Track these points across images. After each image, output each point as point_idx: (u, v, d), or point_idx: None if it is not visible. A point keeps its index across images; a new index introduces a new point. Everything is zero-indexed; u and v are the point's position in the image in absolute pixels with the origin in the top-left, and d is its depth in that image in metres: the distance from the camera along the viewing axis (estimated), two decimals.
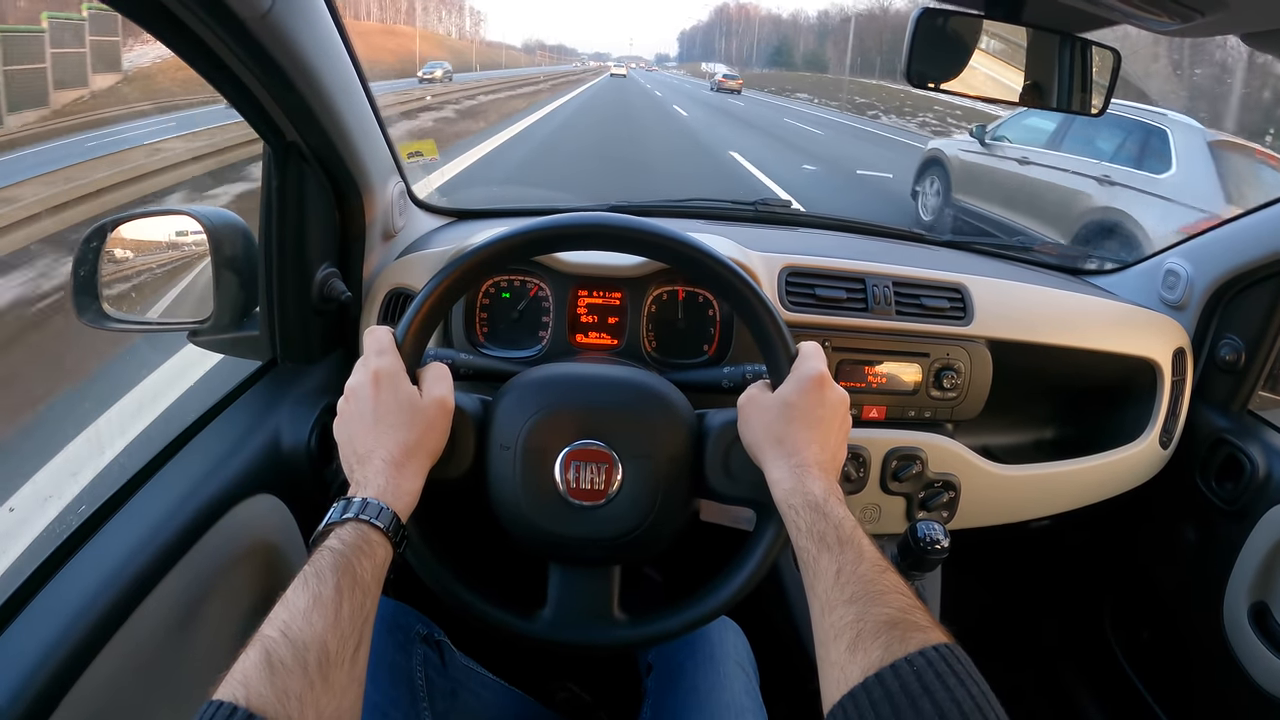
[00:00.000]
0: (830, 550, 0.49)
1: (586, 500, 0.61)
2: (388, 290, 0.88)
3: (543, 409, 0.61)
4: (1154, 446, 1.02)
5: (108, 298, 0.77)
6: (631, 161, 8.96)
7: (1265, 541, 0.96)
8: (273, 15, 0.57)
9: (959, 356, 0.93)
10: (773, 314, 0.61)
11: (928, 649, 0.41)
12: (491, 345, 0.90)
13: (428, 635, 0.73)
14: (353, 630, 0.44)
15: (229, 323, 0.80)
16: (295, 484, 0.74)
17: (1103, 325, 1.02)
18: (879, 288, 0.93)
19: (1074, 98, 0.85)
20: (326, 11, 0.67)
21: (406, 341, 0.59)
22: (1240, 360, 1.03)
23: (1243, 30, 0.68)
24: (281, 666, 0.40)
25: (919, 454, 0.92)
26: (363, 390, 0.57)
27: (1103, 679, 1.25)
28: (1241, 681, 0.96)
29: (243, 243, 0.79)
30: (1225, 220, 1.05)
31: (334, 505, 0.52)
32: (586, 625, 0.63)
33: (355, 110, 0.75)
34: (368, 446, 0.55)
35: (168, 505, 0.63)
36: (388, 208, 0.89)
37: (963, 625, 0.45)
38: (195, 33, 0.56)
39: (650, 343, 0.91)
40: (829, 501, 0.52)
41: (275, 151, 0.73)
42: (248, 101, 0.66)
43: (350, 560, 0.47)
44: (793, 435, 0.57)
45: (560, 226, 0.62)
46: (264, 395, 0.79)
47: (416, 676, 0.68)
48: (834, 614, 0.46)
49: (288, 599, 0.44)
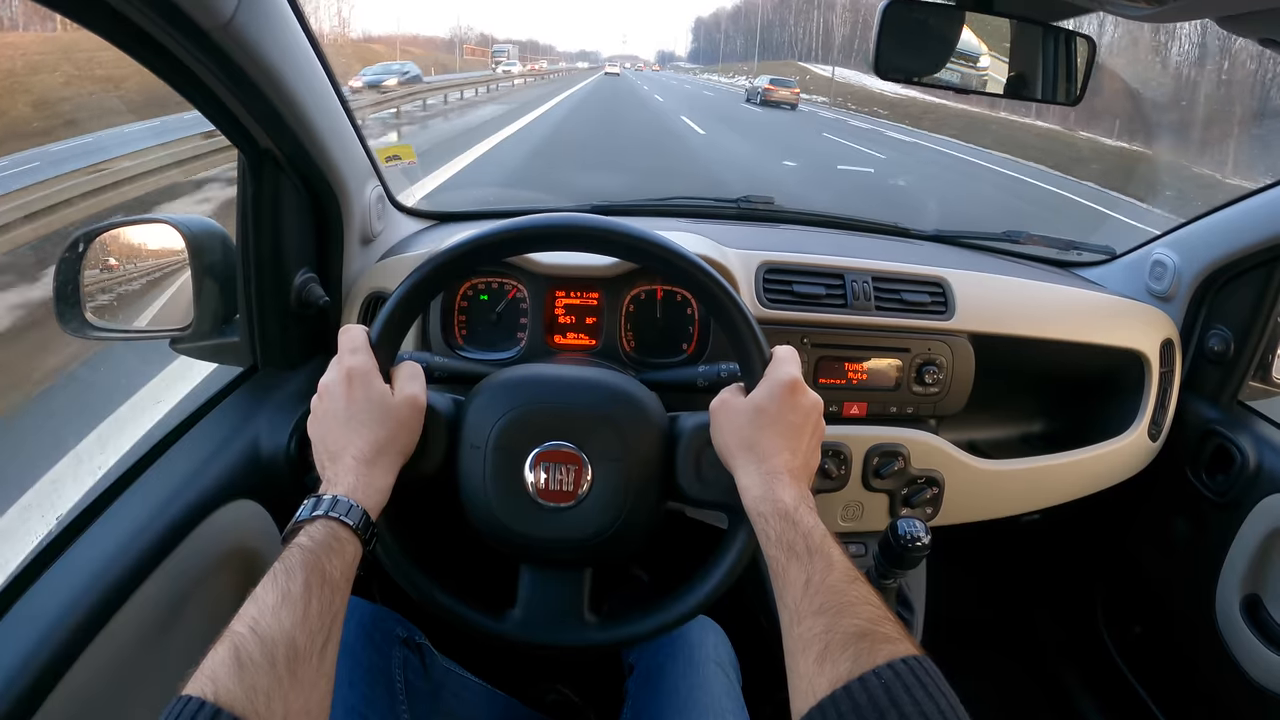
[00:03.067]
0: (799, 559, 0.49)
1: (556, 501, 0.61)
2: (367, 294, 0.89)
3: (513, 409, 0.62)
4: (1143, 439, 1.01)
5: (90, 307, 0.78)
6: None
7: (1257, 533, 0.95)
8: (235, 23, 0.57)
9: (940, 351, 0.93)
10: (746, 316, 0.61)
11: (896, 661, 0.41)
12: (470, 347, 0.91)
13: (408, 638, 0.73)
14: (321, 626, 0.45)
15: (209, 329, 0.81)
16: (275, 489, 0.75)
17: (1089, 317, 1.01)
18: (858, 283, 0.92)
19: (1058, 88, 0.84)
20: (292, 17, 0.67)
21: (380, 340, 0.60)
22: (1229, 350, 1.02)
23: (1217, 14, 0.68)
24: (250, 662, 0.40)
25: (901, 450, 0.92)
26: (335, 388, 0.57)
27: (1095, 672, 1.24)
28: (1234, 673, 0.95)
29: (222, 250, 0.80)
30: (1212, 210, 1.03)
31: (305, 502, 0.52)
32: (556, 626, 0.63)
33: (327, 115, 0.76)
34: (339, 444, 0.55)
35: (148, 510, 0.63)
36: (365, 212, 0.89)
37: (954, 621, 0.45)
38: (160, 43, 0.57)
39: (628, 342, 0.91)
40: (799, 510, 0.52)
41: (249, 158, 0.73)
42: (218, 110, 0.66)
43: (319, 557, 0.47)
44: (764, 441, 0.56)
45: (530, 228, 0.62)
46: (244, 401, 0.80)
47: (396, 679, 0.68)
48: (803, 625, 0.46)
49: (257, 595, 0.45)
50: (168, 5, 0.52)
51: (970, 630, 1.33)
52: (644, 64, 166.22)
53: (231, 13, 0.56)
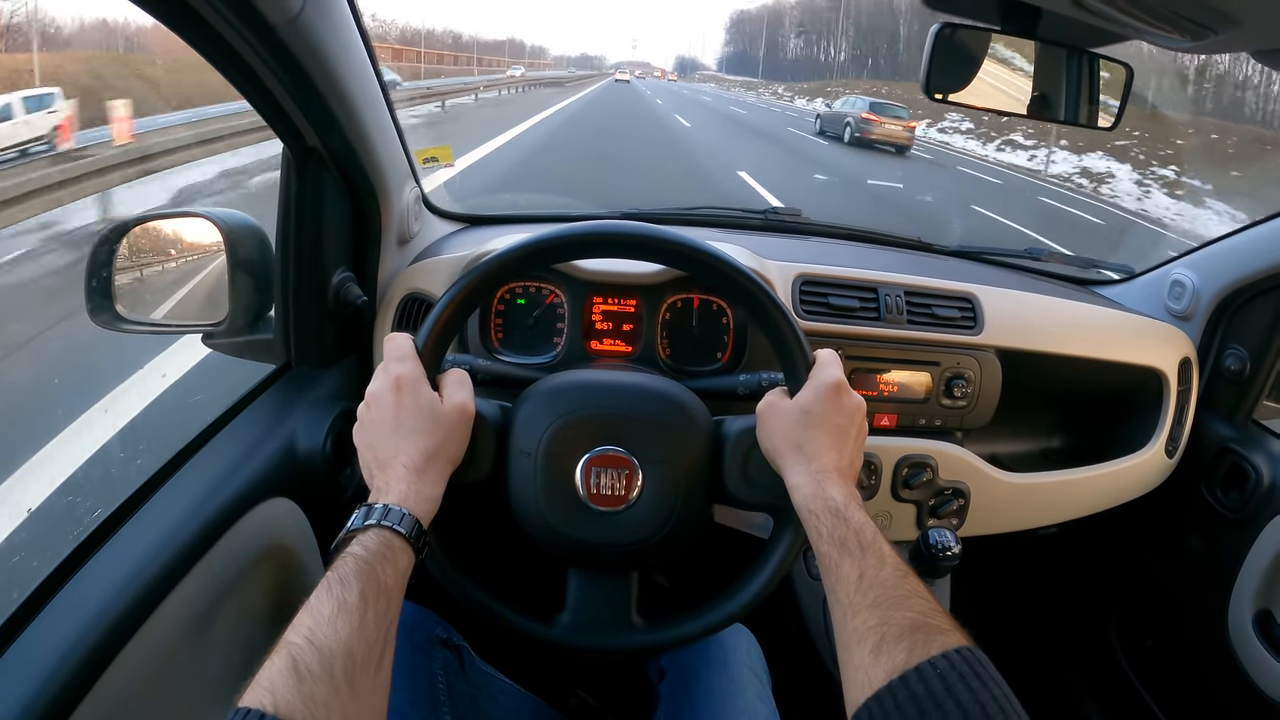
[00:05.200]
0: (852, 555, 0.50)
1: (607, 506, 0.61)
2: (403, 295, 0.88)
3: (563, 415, 0.62)
4: (1160, 455, 1.03)
5: (122, 299, 0.77)
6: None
7: (1270, 550, 0.97)
8: (301, 19, 0.57)
9: (969, 365, 0.94)
10: (791, 322, 0.62)
11: (950, 652, 0.42)
12: (506, 351, 0.91)
13: (447, 639, 0.73)
14: (378, 637, 0.45)
15: (244, 325, 0.80)
16: (311, 488, 0.74)
17: (1111, 335, 1.03)
18: (891, 297, 0.93)
19: (1081, 110, 0.86)
20: (350, 16, 0.67)
21: (427, 348, 0.59)
22: (1245, 370, 1.04)
23: (1254, 48, 0.70)
24: (308, 673, 0.40)
25: (930, 462, 0.93)
26: (384, 396, 0.57)
27: (1108, 686, 1.26)
28: (1246, 689, 0.96)
29: (258, 246, 0.79)
30: (1232, 231, 1.06)
31: (356, 511, 0.52)
32: (605, 630, 0.63)
33: (376, 115, 0.76)
34: (388, 453, 0.55)
35: (184, 508, 0.63)
36: (404, 213, 0.89)
37: (969, 632, 0.46)
38: (223, 36, 0.56)
39: (665, 350, 0.91)
40: (849, 507, 0.53)
41: (295, 155, 0.73)
42: (270, 105, 0.66)
43: (374, 567, 0.47)
44: (812, 442, 0.57)
45: (581, 234, 0.62)
46: (279, 399, 0.79)
47: (437, 680, 0.68)
48: (857, 618, 0.46)
49: (312, 606, 0.44)
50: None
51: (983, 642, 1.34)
52: (663, 71, 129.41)
53: (299, 9, 0.56)
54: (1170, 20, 0.62)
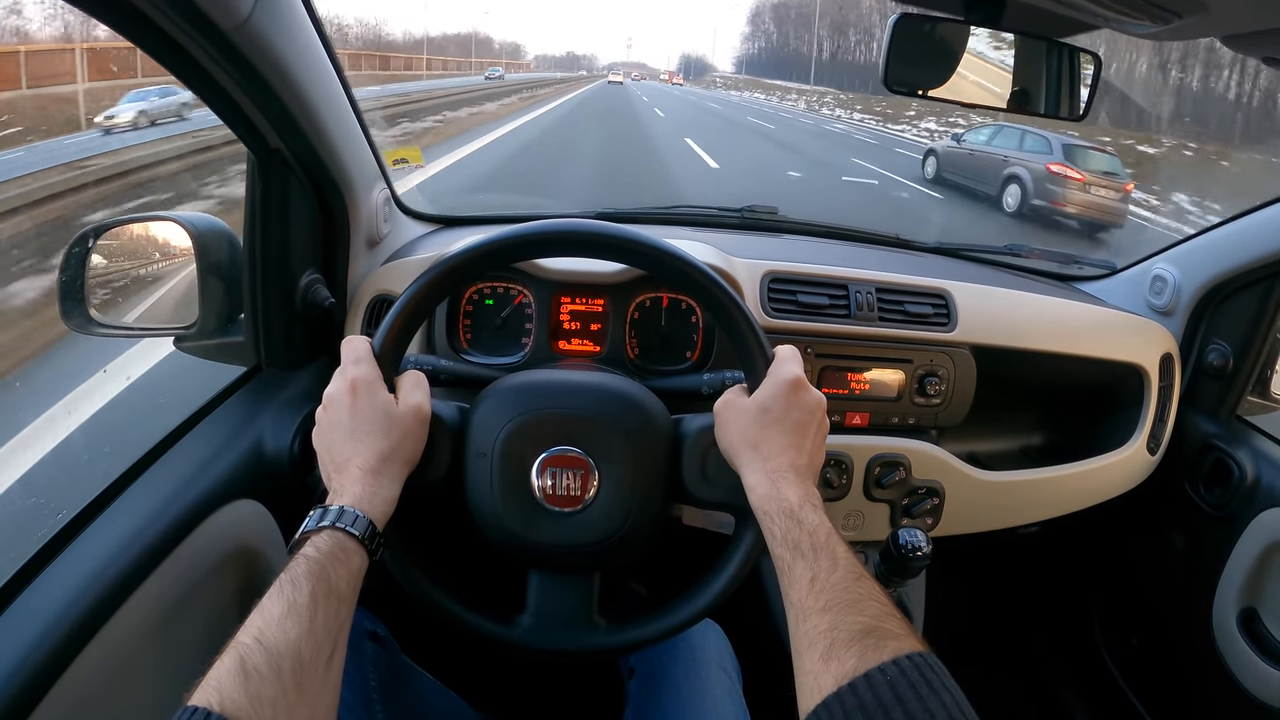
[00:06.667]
0: (804, 557, 0.49)
1: (563, 506, 0.61)
2: (372, 296, 0.89)
3: (518, 415, 0.62)
4: (1142, 452, 1.02)
5: (94, 304, 0.78)
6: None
7: (1254, 547, 0.96)
8: (251, 23, 0.57)
9: (942, 363, 0.93)
10: (749, 319, 0.61)
11: (901, 658, 0.41)
12: (474, 352, 0.91)
13: (373, 631, 0.73)
14: (327, 637, 0.45)
15: (214, 328, 0.80)
16: (278, 489, 0.75)
17: (1090, 331, 1.02)
18: (862, 294, 0.93)
19: (1060, 104, 0.85)
20: (307, 18, 0.67)
21: (384, 350, 0.60)
22: (1228, 365, 1.03)
23: (1222, 32, 0.69)
24: (256, 673, 0.40)
25: (902, 461, 0.92)
26: (340, 399, 0.57)
27: (1092, 685, 1.24)
28: (1230, 687, 0.95)
29: (228, 249, 0.80)
30: (1213, 225, 1.04)
31: (311, 513, 0.52)
32: (566, 631, 0.63)
33: (338, 117, 0.76)
34: (345, 455, 0.55)
35: (150, 509, 0.63)
36: (372, 214, 0.89)
37: (951, 631, 0.45)
38: (176, 40, 0.57)
39: (633, 349, 0.91)
40: (804, 508, 0.52)
41: (259, 158, 0.73)
42: (230, 108, 0.67)
43: (325, 568, 0.47)
44: (768, 440, 0.57)
45: (537, 233, 0.62)
46: (248, 401, 0.80)
47: (369, 676, 0.68)
48: (808, 622, 0.46)
49: (263, 606, 0.45)
50: (185, 3, 0.52)
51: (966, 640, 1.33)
52: (669, 74, 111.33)
53: (248, 13, 0.56)
54: (1135, 5, 0.61)
